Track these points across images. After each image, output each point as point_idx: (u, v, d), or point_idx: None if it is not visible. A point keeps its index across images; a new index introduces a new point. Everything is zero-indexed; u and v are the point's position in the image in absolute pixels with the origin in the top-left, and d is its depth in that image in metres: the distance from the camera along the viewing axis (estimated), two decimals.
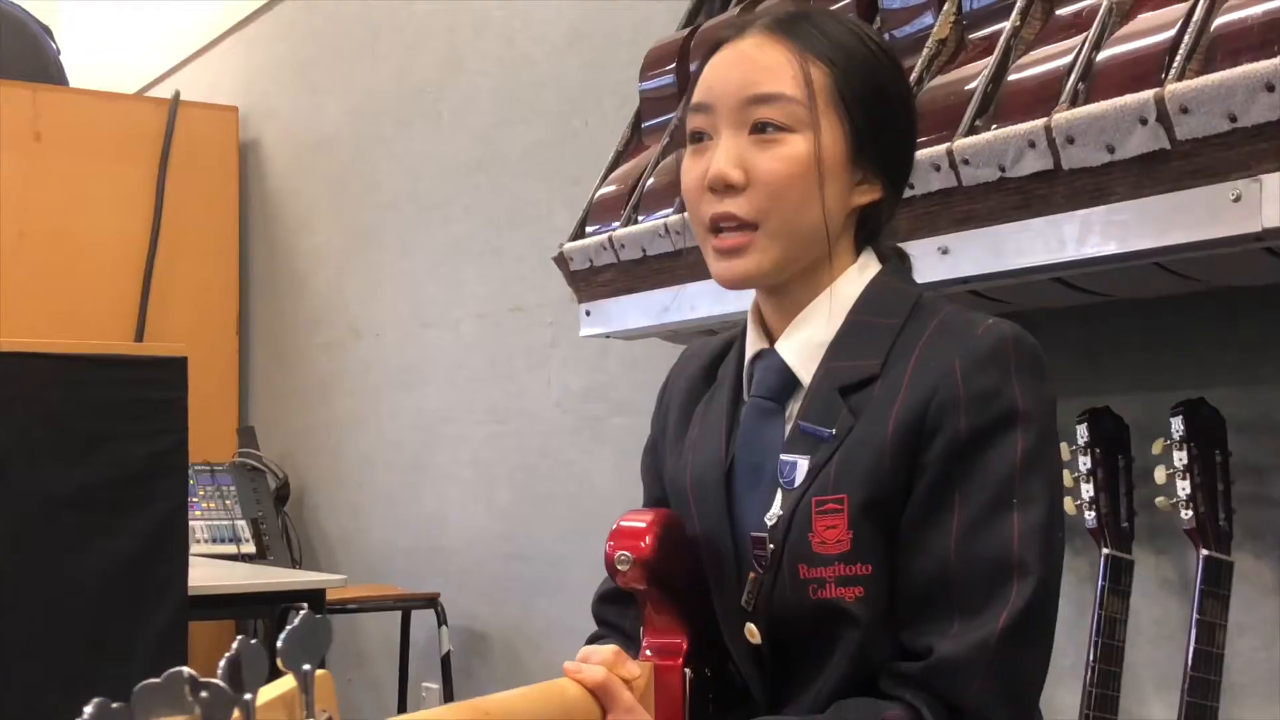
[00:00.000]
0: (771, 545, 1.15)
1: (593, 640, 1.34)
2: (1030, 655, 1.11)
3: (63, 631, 2.04)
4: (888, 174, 1.23)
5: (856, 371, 1.17)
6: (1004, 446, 1.11)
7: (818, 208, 1.17)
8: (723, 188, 1.17)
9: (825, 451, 1.15)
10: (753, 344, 1.25)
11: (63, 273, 4.39)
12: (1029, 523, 1.09)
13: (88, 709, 0.71)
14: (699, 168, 1.20)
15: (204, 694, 0.77)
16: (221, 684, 0.79)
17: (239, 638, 0.82)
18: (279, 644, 0.84)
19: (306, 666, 0.84)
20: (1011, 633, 1.07)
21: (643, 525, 1.18)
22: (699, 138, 1.21)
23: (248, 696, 0.80)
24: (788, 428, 1.19)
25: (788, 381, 1.21)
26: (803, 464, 1.15)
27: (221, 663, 0.79)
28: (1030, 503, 1.10)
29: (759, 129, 1.17)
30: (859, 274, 1.22)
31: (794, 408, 1.20)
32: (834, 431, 1.15)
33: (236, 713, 0.80)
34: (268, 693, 0.83)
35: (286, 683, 0.85)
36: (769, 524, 1.16)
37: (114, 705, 0.72)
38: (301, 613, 0.86)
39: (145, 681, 0.75)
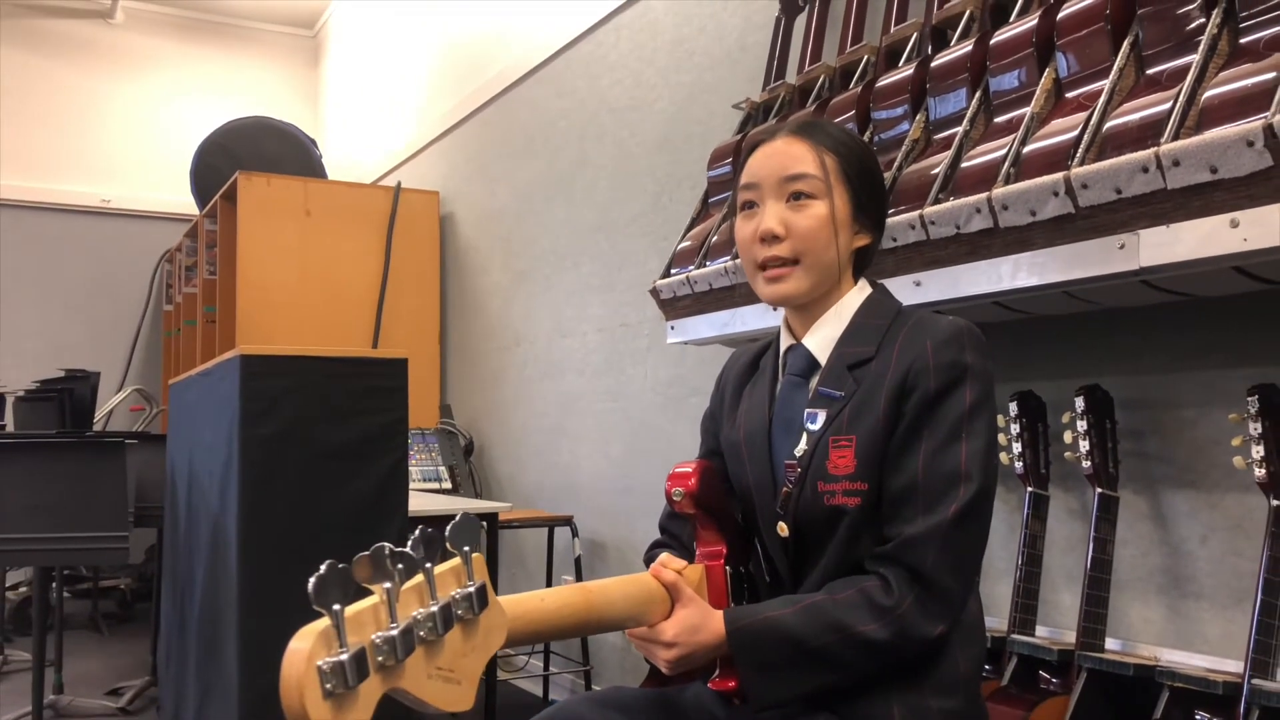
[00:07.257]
0: (800, 469, 1.16)
1: (654, 547, 1.35)
2: (972, 537, 1.10)
3: (329, 541, 2.08)
4: (875, 227, 1.26)
5: (859, 354, 1.18)
6: (958, 397, 1.11)
7: (834, 250, 1.20)
8: (771, 238, 1.20)
9: (837, 406, 1.16)
10: (785, 341, 1.27)
11: (326, 303, 4.48)
12: (974, 449, 1.10)
13: (321, 567, 0.72)
14: (750, 226, 1.23)
15: (400, 565, 0.79)
16: (412, 553, 0.80)
17: (418, 528, 0.83)
18: (447, 533, 0.86)
19: (466, 548, 0.86)
20: (959, 519, 1.08)
21: (690, 470, 1.19)
22: (748, 206, 1.24)
23: (428, 565, 0.82)
24: (810, 395, 1.20)
25: (811, 364, 1.22)
26: (821, 414, 1.17)
27: (409, 542, 0.81)
28: (975, 436, 1.10)
29: (794, 197, 1.19)
30: (859, 293, 1.25)
31: (814, 382, 1.21)
32: (843, 393, 1.16)
33: (421, 576, 0.82)
34: (442, 566, 0.85)
35: (454, 561, 0.86)
36: (797, 455, 1.17)
37: (339, 565, 0.73)
38: (461, 513, 0.88)
39: (359, 554, 0.76)
